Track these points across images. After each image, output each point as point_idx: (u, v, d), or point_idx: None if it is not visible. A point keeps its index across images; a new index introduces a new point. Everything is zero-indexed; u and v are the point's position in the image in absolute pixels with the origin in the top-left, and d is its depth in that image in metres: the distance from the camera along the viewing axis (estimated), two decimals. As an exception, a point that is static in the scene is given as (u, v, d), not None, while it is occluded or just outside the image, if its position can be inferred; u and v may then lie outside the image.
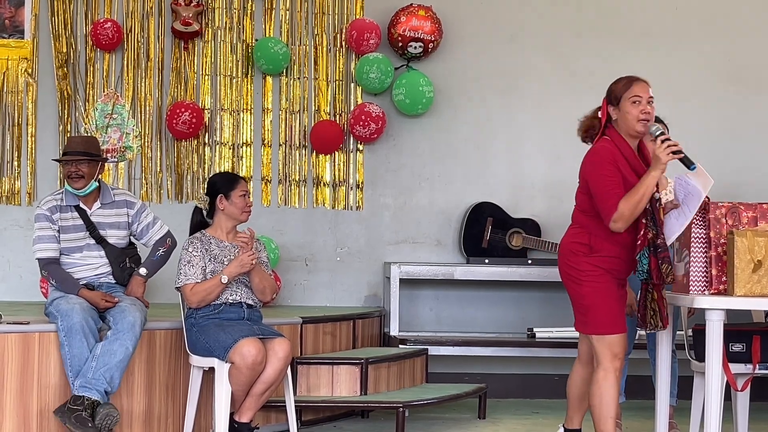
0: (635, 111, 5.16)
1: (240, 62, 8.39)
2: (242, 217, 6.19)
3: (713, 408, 5.15)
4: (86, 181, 6.20)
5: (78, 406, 5.72)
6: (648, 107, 5.16)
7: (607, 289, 5.21)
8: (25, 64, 8.24)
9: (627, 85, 5.21)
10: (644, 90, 5.18)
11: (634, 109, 5.16)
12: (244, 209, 6.17)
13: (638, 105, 5.15)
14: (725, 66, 8.61)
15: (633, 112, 5.15)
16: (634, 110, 5.16)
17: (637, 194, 5.05)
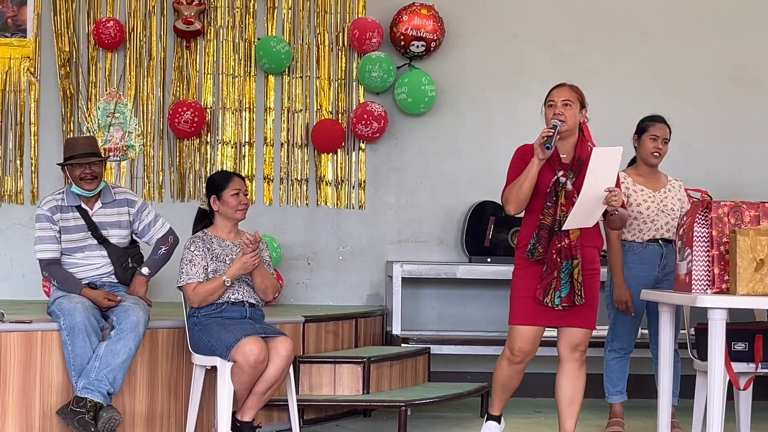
0: (549, 113, 5.67)
1: (242, 61, 8.40)
2: (237, 216, 6.17)
3: (715, 407, 5.16)
4: (98, 182, 6.20)
5: (81, 408, 5.72)
6: (562, 109, 5.64)
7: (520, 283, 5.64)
8: (27, 63, 8.24)
9: (548, 92, 5.76)
10: (559, 94, 5.70)
11: (549, 111, 5.68)
12: (236, 208, 6.15)
13: (552, 108, 5.66)
14: (726, 65, 8.61)
15: (548, 114, 5.69)
16: (549, 112, 5.68)
17: (517, 182, 5.59)
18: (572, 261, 5.53)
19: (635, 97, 8.50)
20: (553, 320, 5.59)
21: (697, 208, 5.43)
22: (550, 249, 5.54)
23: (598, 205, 5.53)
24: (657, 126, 6.76)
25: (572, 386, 5.66)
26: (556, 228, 5.55)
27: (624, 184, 6.68)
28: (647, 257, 6.60)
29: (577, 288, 5.53)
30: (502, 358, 5.74)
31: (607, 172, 5.53)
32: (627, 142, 7.11)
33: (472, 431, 6.84)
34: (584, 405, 6.88)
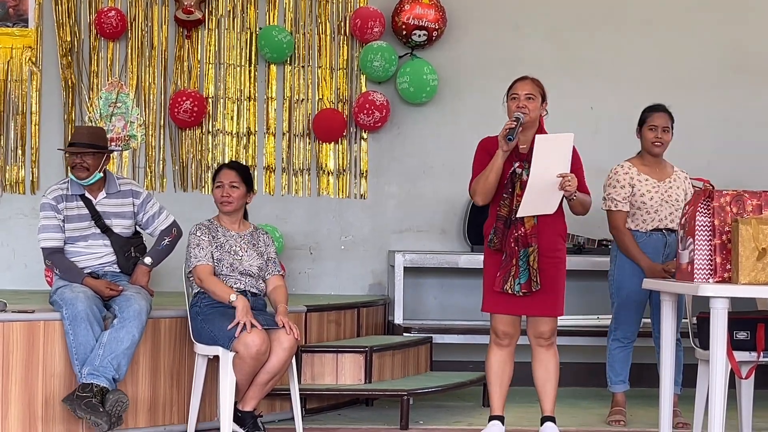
0: (512, 105, 5.88)
1: (243, 51, 8.39)
2: (222, 209, 6.18)
3: (717, 396, 5.16)
4: (90, 173, 6.20)
5: (87, 393, 5.73)
6: (525, 102, 5.85)
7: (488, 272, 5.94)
8: (29, 52, 8.24)
9: (511, 85, 5.96)
10: (522, 87, 5.90)
11: (512, 104, 5.89)
12: (219, 200, 6.16)
13: (515, 101, 5.87)
14: (730, 54, 8.60)
15: (511, 106, 5.89)
16: (512, 105, 5.89)
17: (483, 173, 5.86)
18: (528, 248, 5.78)
19: (637, 86, 8.49)
20: (519, 308, 5.89)
21: (699, 197, 5.43)
22: (507, 238, 5.80)
23: (554, 192, 5.74)
24: (655, 115, 6.77)
25: (544, 369, 5.99)
26: (512, 218, 5.79)
27: (629, 174, 6.71)
28: (651, 246, 6.62)
29: (533, 275, 5.78)
30: (490, 345, 6.04)
31: (559, 159, 5.73)
32: (628, 131, 7.13)
33: (474, 420, 6.84)
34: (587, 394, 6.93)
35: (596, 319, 7.87)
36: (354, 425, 6.66)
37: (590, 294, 8.10)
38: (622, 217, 6.68)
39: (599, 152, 7.71)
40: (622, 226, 6.66)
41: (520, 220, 5.79)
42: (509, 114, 5.90)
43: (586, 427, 6.67)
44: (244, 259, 6.14)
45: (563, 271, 5.92)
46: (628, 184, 6.67)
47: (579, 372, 8.10)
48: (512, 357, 6.06)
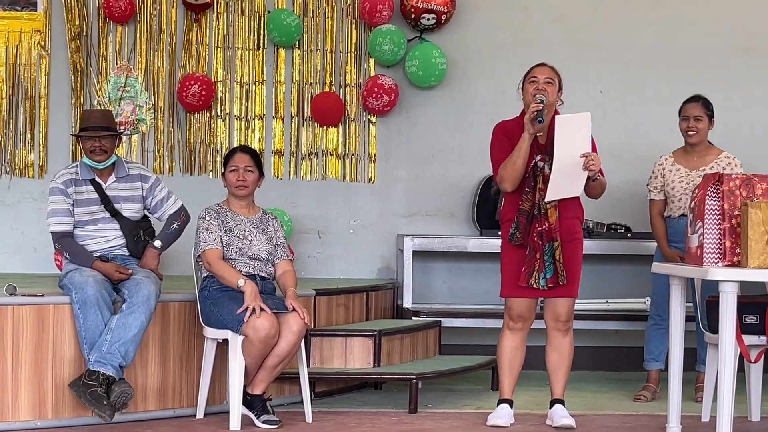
0: (531, 88, 5.88)
1: (252, 34, 8.38)
2: (236, 193, 6.17)
3: (726, 379, 5.16)
4: (108, 155, 6.22)
5: (93, 381, 5.75)
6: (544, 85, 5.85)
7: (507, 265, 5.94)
8: (37, 36, 8.24)
9: (528, 70, 5.98)
10: (541, 72, 5.92)
11: (531, 86, 5.89)
12: (234, 185, 6.16)
13: (534, 84, 5.86)
14: (740, 37, 8.56)
15: (529, 89, 5.90)
16: (530, 87, 5.89)
17: (510, 159, 5.84)
18: (553, 243, 5.80)
19: (646, 70, 8.47)
20: (538, 291, 5.90)
21: (709, 181, 5.42)
22: (531, 232, 5.81)
23: (578, 173, 5.73)
24: (686, 106, 7.01)
25: (558, 353, 6.02)
26: (535, 212, 5.81)
27: (663, 165, 6.98)
28: (679, 231, 6.80)
29: (560, 269, 5.82)
30: (503, 329, 6.06)
31: (580, 139, 5.71)
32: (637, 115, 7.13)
33: (483, 403, 6.85)
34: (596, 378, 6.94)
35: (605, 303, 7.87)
36: (363, 409, 6.67)
37: (599, 278, 8.10)
38: (655, 205, 6.99)
39: (608, 136, 7.70)
40: (655, 213, 6.99)
41: (543, 214, 5.80)
42: (525, 99, 5.90)
43: (594, 411, 6.68)
44: (253, 243, 6.14)
45: (581, 254, 5.96)
46: (660, 175, 6.98)
47: (588, 356, 8.10)
48: (524, 342, 6.08)
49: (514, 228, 5.86)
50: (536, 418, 6.36)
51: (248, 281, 5.95)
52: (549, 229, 5.81)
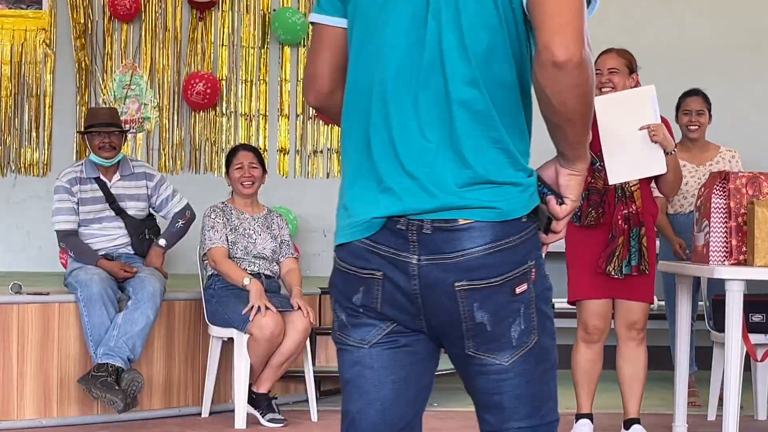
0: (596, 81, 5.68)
1: (257, 32, 8.38)
2: (242, 190, 6.16)
3: (732, 379, 5.14)
4: (116, 152, 6.23)
5: (102, 372, 5.75)
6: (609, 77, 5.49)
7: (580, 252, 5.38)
8: (43, 35, 8.24)
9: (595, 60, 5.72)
10: (605, 62, 5.52)
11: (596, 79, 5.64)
12: (239, 182, 6.15)
13: (599, 76, 5.48)
14: (745, 34, 8.55)
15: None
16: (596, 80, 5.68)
17: None
18: (640, 228, 5.32)
19: (653, 67, 8.44)
20: (612, 291, 5.37)
21: (715, 179, 5.41)
22: (615, 215, 5.31)
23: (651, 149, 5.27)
24: (688, 100, 6.85)
25: (633, 366, 5.45)
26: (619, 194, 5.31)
27: None
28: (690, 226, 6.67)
29: (646, 256, 5.31)
30: (578, 342, 5.46)
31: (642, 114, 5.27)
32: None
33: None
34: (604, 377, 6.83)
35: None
36: (368, 407, 6.66)
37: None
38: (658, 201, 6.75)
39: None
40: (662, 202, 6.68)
41: (629, 197, 5.32)
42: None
43: (602, 410, 6.67)
44: (258, 241, 6.14)
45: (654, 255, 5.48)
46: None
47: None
48: (602, 354, 5.49)
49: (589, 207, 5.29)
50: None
51: (254, 280, 5.94)
52: (636, 213, 5.31)
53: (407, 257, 2.30)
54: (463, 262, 2.28)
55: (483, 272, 2.29)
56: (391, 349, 2.38)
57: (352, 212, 2.35)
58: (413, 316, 2.34)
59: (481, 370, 2.37)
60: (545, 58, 2.19)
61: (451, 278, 2.29)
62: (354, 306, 2.39)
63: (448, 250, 2.28)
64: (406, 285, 2.31)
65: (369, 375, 2.38)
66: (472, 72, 2.28)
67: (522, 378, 2.36)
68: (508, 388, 2.37)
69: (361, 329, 2.39)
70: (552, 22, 2.19)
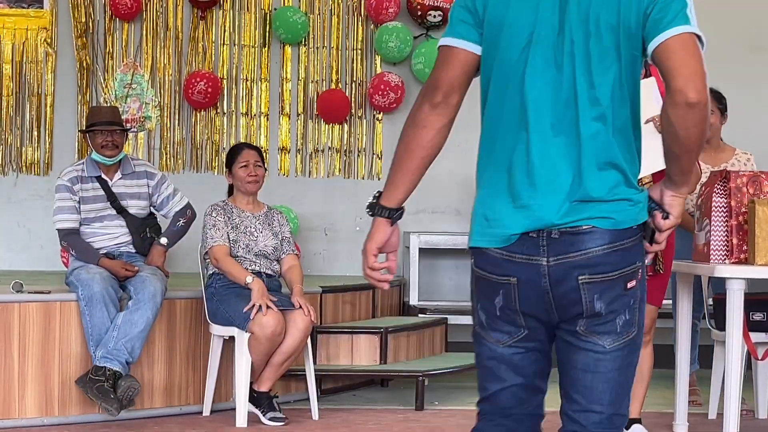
0: None
1: (258, 31, 8.38)
2: (247, 188, 6.17)
3: (733, 377, 5.15)
4: (119, 150, 6.24)
5: (100, 376, 5.75)
6: None
7: None
8: (44, 34, 8.24)
9: None
10: None
11: None
12: (245, 180, 6.15)
13: None
14: (747, 33, 8.55)
15: None
16: None
17: None
18: None
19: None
20: None
21: (716, 178, 5.41)
22: None
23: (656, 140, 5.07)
24: None
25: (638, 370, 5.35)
26: None
27: None
28: None
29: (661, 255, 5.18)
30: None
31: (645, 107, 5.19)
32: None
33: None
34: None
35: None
36: (369, 406, 6.67)
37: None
38: None
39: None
40: None
41: None
42: None
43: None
44: (259, 239, 6.14)
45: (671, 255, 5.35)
46: None
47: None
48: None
49: None
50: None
51: (256, 278, 5.95)
52: None
53: (538, 260, 2.74)
54: (585, 259, 2.72)
55: (602, 268, 2.73)
56: (520, 353, 2.86)
57: (494, 224, 2.81)
58: (546, 309, 2.78)
59: (585, 347, 2.79)
60: (679, 100, 2.67)
61: (575, 273, 2.73)
62: (494, 309, 2.84)
63: (573, 250, 2.73)
64: (538, 283, 2.75)
65: (503, 368, 2.90)
66: (598, 109, 2.75)
67: (615, 363, 2.79)
68: (602, 369, 2.79)
69: (497, 332, 2.87)
70: (684, 71, 2.67)
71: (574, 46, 2.76)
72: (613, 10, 2.74)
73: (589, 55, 2.75)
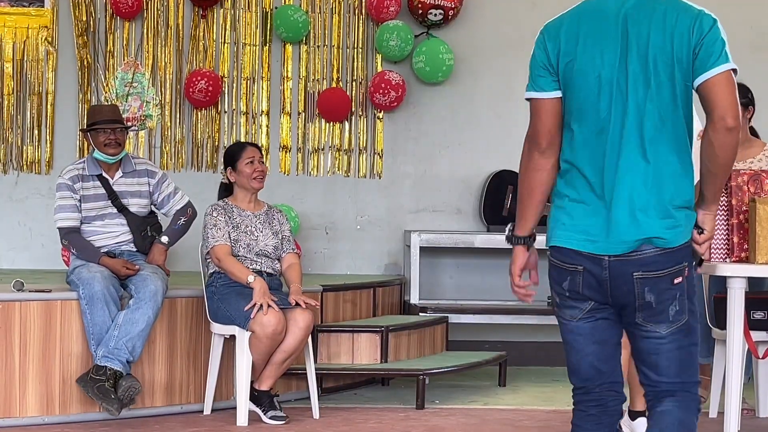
0: None
1: (259, 30, 8.38)
2: (253, 185, 6.17)
3: (734, 376, 5.15)
4: (121, 149, 6.24)
5: (100, 376, 5.75)
6: None
7: None
8: (45, 32, 8.24)
9: None
10: None
11: None
12: (251, 176, 6.16)
13: None
14: (747, 34, 8.54)
15: None
16: None
17: None
18: None
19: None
20: None
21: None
22: None
23: None
24: None
25: None
26: None
27: None
28: None
29: None
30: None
31: None
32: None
33: (490, 400, 6.85)
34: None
35: None
36: (370, 405, 6.68)
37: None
38: None
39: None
40: None
41: None
42: None
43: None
44: (260, 238, 6.14)
45: None
46: None
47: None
48: None
49: None
50: (544, 413, 6.36)
51: (258, 278, 5.95)
52: None
53: (601, 256, 3.38)
54: (640, 259, 3.35)
55: (653, 266, 3.36)
56: (591, 321, 3.47)
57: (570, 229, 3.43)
58: (603, 295, 3.41)
59: (645, 335, 3.43)
60: (720, 126, 3.33)
61: (631, 270, 3.35)
62: (563, 291, 3.47)
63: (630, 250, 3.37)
64: (600, 274, 3.39)
65: (580, 340, 3.49)
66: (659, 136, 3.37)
67: (674, 344, 3.41)
68: (663, 351, 3.42)
69: (569, 310, 3.48)
70: (724, 103, 3.34)
71: (637, 83, 3.37)
72: (667, 51, 3.37)
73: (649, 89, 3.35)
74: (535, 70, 3.49)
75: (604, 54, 3.39)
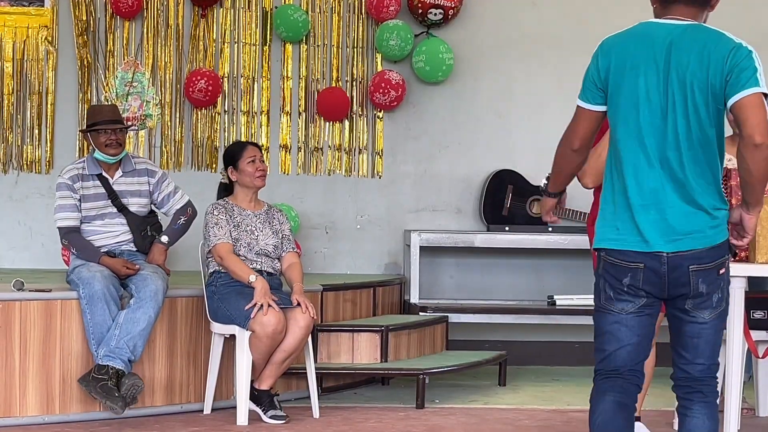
0: None
1: (259, 30, 8.38)
2: (256, 183, 6.18)
3: (734, 375, 5.15)
4: (122, 149, 6.25)
5: (103, 375, 5.76)
6: None
7: None
8: (45, 32, 8.24)
9: None
10: None
11: None
12: (254, 175, 6.16)
13: None
14: (747, 34, 8.51)
15: None
16: None
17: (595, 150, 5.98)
18: None
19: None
20: None
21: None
22: None
23: None
24: None
25: None
26: None
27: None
28: None
29: None
30: None
31: None
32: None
33: (490, 399, 6.85)
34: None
35: None
36: (370, 404, 6.68)
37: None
38: None
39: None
40: None
41: None
42: None
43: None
44: (260, 238, 6.14)
45: None
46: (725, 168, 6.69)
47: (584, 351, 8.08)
48: None
49: None
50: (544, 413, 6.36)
51: (259, 277, 5.95)
52: None
53: (659, 253, 3.78)
54: (694, 254, 3.77)
55: (705, 260, 3.79)
56: (639, 316, 3.85)
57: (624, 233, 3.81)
58: (660, 288, 3.80)
59: (692, 320, 3.85)
60: (749, 142, 3.71)
61: (686, 263, 3.78)
62: (622, 286, 3.83)
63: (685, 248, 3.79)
64: (659, 269, 3.79)
65: (624, 330, 3.85)
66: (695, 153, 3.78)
67: (712, 329, 3.87)
68: (704, 335, 3.86)
69: (622, 303, 3.84)
70: (753, 121, 3.70)
71: (676, 104, 3.76)
72: (703, 77, 3.76)
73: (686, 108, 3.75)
74: (587, 82, 3.98)
75: (648, 76, 3.81)
